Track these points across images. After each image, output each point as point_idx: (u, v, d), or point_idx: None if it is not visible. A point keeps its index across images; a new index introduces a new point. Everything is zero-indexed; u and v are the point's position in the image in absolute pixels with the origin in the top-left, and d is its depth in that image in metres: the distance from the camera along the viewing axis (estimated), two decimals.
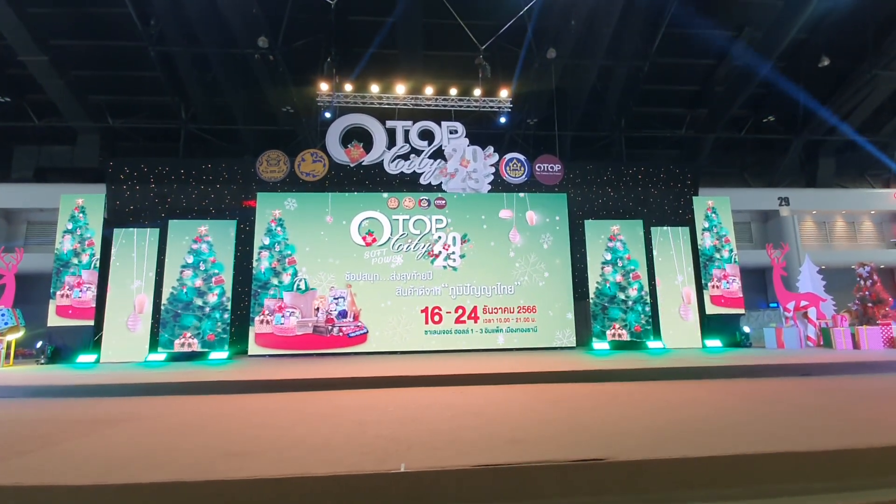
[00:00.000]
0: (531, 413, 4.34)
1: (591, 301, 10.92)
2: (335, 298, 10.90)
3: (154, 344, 9.94)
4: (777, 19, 14.16)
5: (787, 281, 11.71)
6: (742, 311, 11.29)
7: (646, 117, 18.01)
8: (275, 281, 10.81)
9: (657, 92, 17.17)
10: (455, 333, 11.13)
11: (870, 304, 10.74)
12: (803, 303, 11.08)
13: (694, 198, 12.25)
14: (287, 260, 10.95)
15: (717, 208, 11.72)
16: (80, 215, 10.45)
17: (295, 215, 11.26)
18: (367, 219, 11.43)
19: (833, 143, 18.51)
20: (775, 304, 13.83)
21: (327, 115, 12.57)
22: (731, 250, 11.48)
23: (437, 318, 11.15)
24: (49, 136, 17.08)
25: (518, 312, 11.37)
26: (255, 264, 10.87)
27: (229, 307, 10.23)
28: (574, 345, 11.31)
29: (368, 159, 11.78)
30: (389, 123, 11.90)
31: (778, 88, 17.05)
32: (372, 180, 11.98)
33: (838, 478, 2.77)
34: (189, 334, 9.94)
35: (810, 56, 15.67)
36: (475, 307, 11.28)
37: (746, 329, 11.24)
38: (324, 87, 12.32)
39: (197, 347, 9.91)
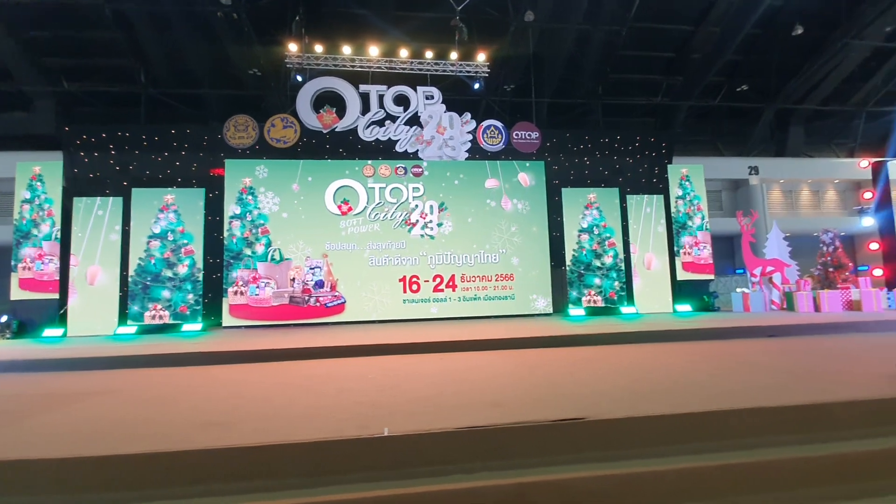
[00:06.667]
0: (510, 378, 4.40)
1: (567, 268, 11.06)
2: (311, 268, 10.73)
3: (123, 317, 9.66)
4: None
5: (755, 247, 12.08)
6: (712, 276, 11.65)
7: (622, 84, 17.91)
8: (248, 251, 10.55)
9: (634, 58, 17.03)
10: (433, 302, 11.17)
11: (831, 269, 11.23)
12: (769, 268, 11.49)
13: (668, 166, 12.38)
14: (260, 230, 10.67)
15: (690, 176, 11.89)
16: (38, 184, 9.90)
17: (266, 183, 10.91)
18: (342, 187, 11.17)
19: (803, 112, 18.87)
20: (742, 271, 14.32)
21: (298, 78, 12.04)
22: (703, 217, 11.73)
23: (415, 286, 11.13)
24: (2, 101, 15.94)
25: (496, 280, 11.45)
26: (226, 234, 10.55)
27: (201, 278, 9.97)
28: (551, 311, 11.52)
29: (342, 125, 11.40)
30: (363, 88, 11.47)
31: (752, 56, 17.15)
32: (346, 147, 11.63)
33: (803, 431, 2.90)
34: (160, 306, 9.67)
35: (785, 24, 15.73)
36: (453, 276, 11.30)
37: (715, 292, 11.64)
38: (292, 48, 11.74)
39: (168, 319, 9.68)
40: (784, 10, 15.46)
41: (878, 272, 13.42)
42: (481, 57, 12.56)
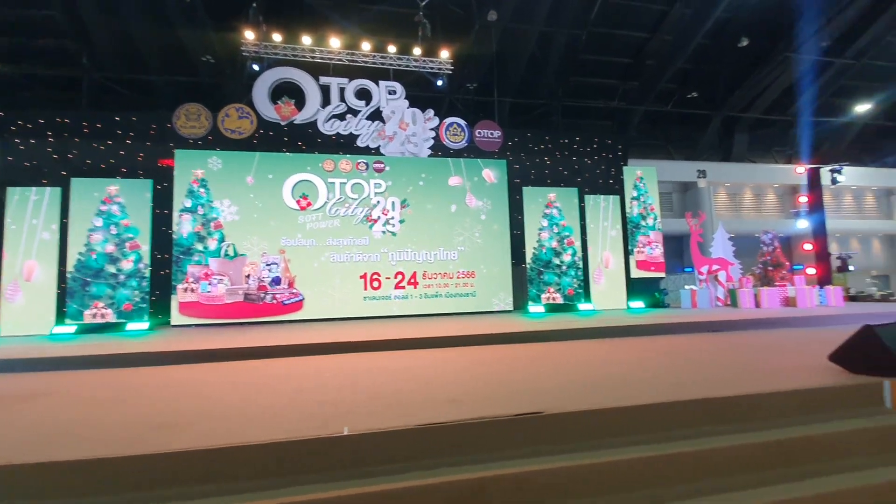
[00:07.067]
0: (469, 374, 4.44)
1: (527, 266, 11.26)
2: (268, 265, 10.41)
3: (61, 315, 9.05)
4: None
5: (702, 247, 12.71)
6: (663, 274, 12.17)
7: (582, 87, 18.37)
8: (199, 246, 10.10)
9: (593, 62, 17.50)
10: (394, 299, 11.10)
11: (770, 268, 11.99)
12: (715, 267, 12.13)
13: (624, 168, 12.82)
14: (213, 224, 10.25)
15: (644, 178, 12.35)
16: None
17: (220, 175, 10.48)
18: (301, 181, 10.89)
19: (747, 120, 19.98)
20: (690, 269, 15.01)
21: (255, 67, 11.61)
22: (655, 218, 12.22)
23: (375, 283, 11.02)
24: None
25: (457, 278, 11.51)
26: (175, 228, 10.07)
27: (147, 275, 9.46)
28: (511, 308, 11.69)
29: (301, 118, 11.10)
30: (323, 80, 11.20)
31: (702, 66, 18.00)
32: (305, 140, 11.33)
33: (742, 420, 3.09)
34: (101, 304, 9.12)
35: (732, 36, 16.59)
36: (414, 273, 11.27)
37: (665, 289, 12.20)
38: (249, 35, 11.32)
39: (112, 318, 9.14)
40: (731, 23, 16.31)
41: (811, 271, 14.44)
42: (444, 54, 12.54)
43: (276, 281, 10.39)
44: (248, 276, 10.22)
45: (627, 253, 11.92)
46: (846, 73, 18.51)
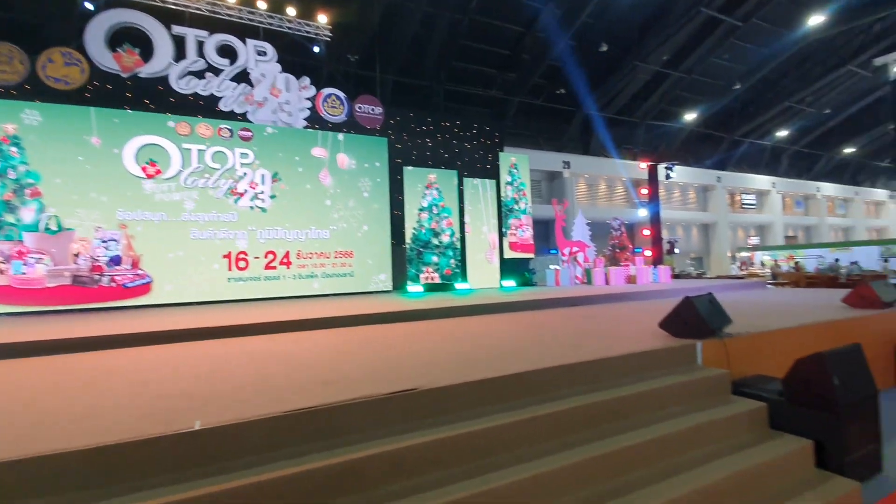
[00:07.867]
0: (344, 355, 4.29)
1: (407, 246, 11.27)
2: (104, 242, 8.86)
3: None
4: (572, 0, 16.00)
5: (565, 231, 13.98)
6: (532, 255, 13.15)
7: (464, 73, 18.79)
8: (9, 218, 8.20)
9: (474, 50, 17.97)
10: (265, 280, 10.31)
11: (618, 250, 13.70)
12: (575, 249, 13.44)
13: (500, 154, 13.44)
14: (28, 191, 8.39)
15: (518, 165, 13.10)
16: None
17: (39, 132, 8.60)
18: (147, 145, 9.42)
19: (602, 118, 22.34)
20: (555, 251, 16.44)
21: (89, 6, 9.67)
22: (526, 203, 13.09)
23: (242, 263, 10.11)
24: None
25: (335, 257, 11.08)
26: None
27: None
28: (391, 288, 11.65)
29: (147, 71, 9.53)
30: (177, 30, 9.73)
31: (568, 64, 19.58)
32: (154, 98, 9.77)
33: (592, 381, 3.44)
34: None
35: (594, 41, 18.27)
36: (287, 252, 10.58)
37: (534, 269, 13.24)
38: None
39: None
40: (594, 28, 17.93)
41: (648, 253, 16.79)
42: (322, 18, 11.77)
43: (116, 260, 8.94)
44: (77, 255, 8.62)
45: (501, 235, 12.61)
46: (679, 84, 21.64)
